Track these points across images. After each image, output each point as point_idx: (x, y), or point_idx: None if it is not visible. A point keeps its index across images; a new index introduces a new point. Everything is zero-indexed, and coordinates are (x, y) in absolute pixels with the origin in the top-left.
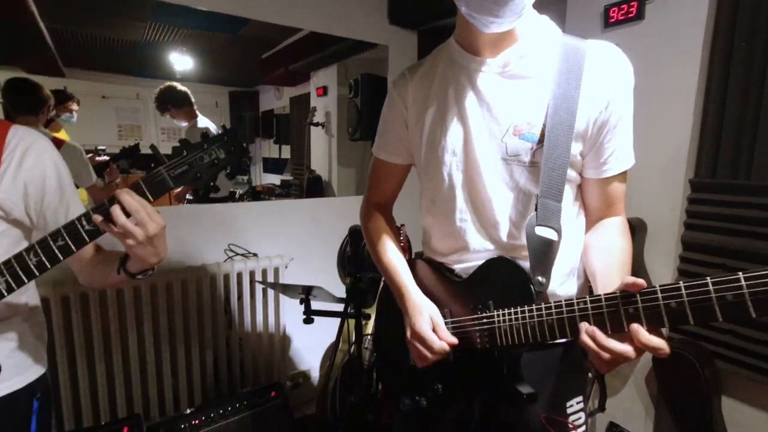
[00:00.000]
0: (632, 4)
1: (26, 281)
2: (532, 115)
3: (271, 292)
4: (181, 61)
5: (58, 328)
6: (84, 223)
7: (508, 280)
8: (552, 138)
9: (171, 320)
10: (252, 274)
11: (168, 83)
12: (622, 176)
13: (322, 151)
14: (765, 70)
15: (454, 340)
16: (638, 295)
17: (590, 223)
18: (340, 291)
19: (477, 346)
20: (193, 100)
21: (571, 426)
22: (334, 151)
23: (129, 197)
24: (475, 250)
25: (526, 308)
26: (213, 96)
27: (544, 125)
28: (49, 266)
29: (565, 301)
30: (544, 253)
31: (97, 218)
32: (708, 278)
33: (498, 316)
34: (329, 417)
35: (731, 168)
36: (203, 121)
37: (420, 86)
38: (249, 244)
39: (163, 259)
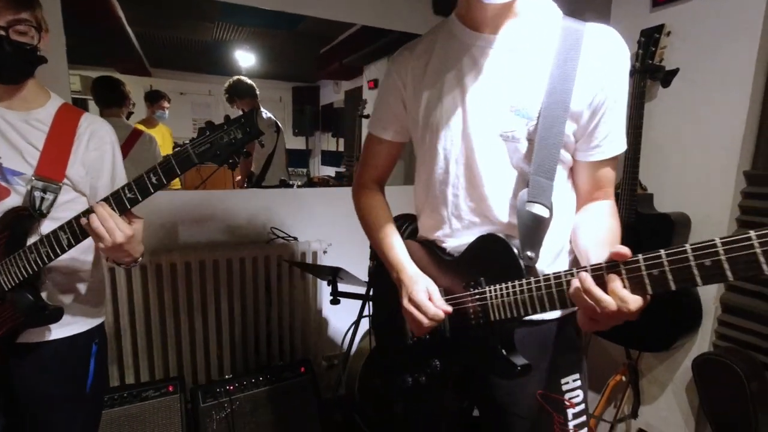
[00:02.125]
0: None
1: (81, 239)
2: (529, 93)
3: (309, 275)
4: (245, 58)
5: (120, 292)
6: (75, 221)
7: (498, 256)
8: (548, 116)
9: (217, 294)
10: (291, 256)
11: (237, 77)
12: (613, 161)
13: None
14: None
15: (449, 308)
16: (621, 265)
17: (579, 205)
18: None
19: (472, 322)
20: (257, 92)
21: (567, 403)
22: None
23: (102, 209)
24: (466, 226)
25: (516, 283)
26: (277, 91)
27: (541, 103)
28: (60, 252)
29: (553, 274)
30: (534, 229)
31: (83, 221)
32: (687, 245)
33: (490, 291)
34: (357, 398)
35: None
36: (264, 112)
37: (419, 62)
38: (291, 229)
39: (136, 260)
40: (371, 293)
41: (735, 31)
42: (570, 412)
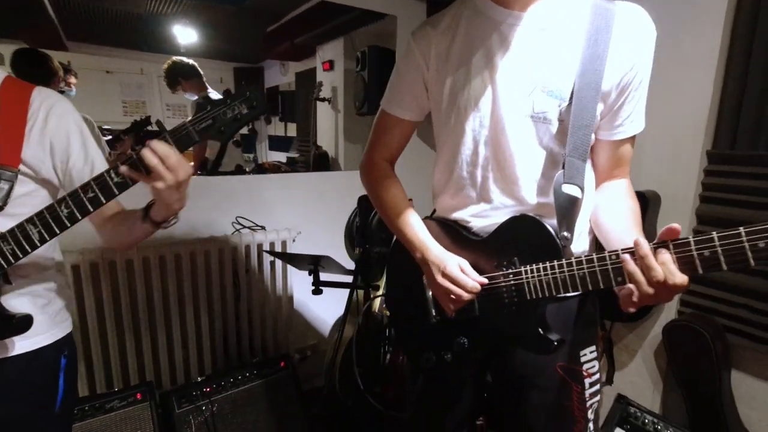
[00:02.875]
0: None
1: (58, 232)
2: (561, 73)
3: (279, 265)
4: (185, 35)
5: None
6: (113, 175)
7: (533, 236)
8: (581, 97)
9: (180, 292)
10: (260, 246)
11: (173, 58)
12: (633, 139)
13: (328, 127)
14: None
15: (485, 280)
16: (670, 242)
17: (598, 183)
18: (347, 264)
19: (505, 300)
20: (201, 72)
21: (585, 374)
22: (341, 126)
23: (160, 144)
24: (495, 207)
25: (555, 263)
26: (217, 72)
27: (574, 84)
28: (80, 217)
29: (596, 255)
30: (569, 209)
31: (124, 168)
32: (740, 228)
33: (526, 272)
34: (337, 389)
35: (751, 139)
36: (214, 94)
37: (443, 39)
38: (257, 217)
39: (184, 206)
40: (388, 274)
41: (700, 15)
42: (587, 381)
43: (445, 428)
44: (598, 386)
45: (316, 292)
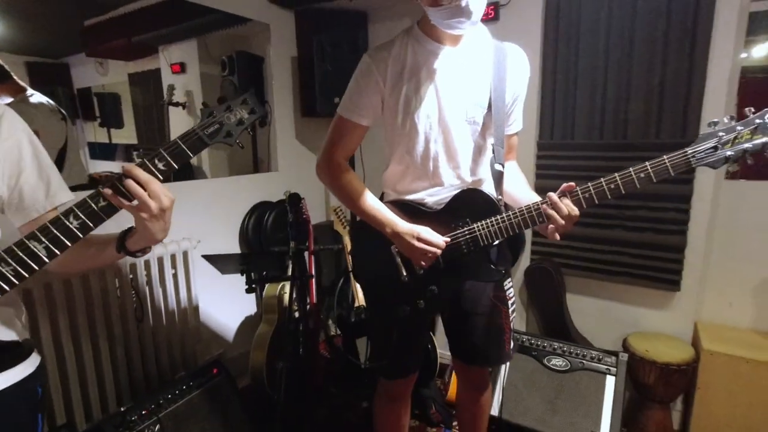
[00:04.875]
0: (491, 7)
1: (37, 269)
2: (482, 90)
3: (182, 278)
4: None
5: None
6: (98, 200)
7: (479, 201)
8: (497, 106)
9: (73, 318)
10: (160, 260)
11: None
12: (517, 135)
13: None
14: (576, 65)
15: (448, 239)
16: (568, 193)
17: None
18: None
19: (464, 250)
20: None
21: (508, 297)
22: None
23: (140, 170)
24: (446, 186)
25: (498, 217)
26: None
27: (490, 97)
28: (69, 244)
29: (524, 206)
30: (499, 180)
31: (107, 192)
32: (602, 179)
33: (478, 226)
34: (267, 385)
35: (563, 131)
36: (37, 96)
37: (396, 62)
38: None
39: (167, 236)
40: (356, 253)
41: (524, 45)
42: (509, 303)
43: (415, 363)
44: (514, 306)
45: (250, 290)
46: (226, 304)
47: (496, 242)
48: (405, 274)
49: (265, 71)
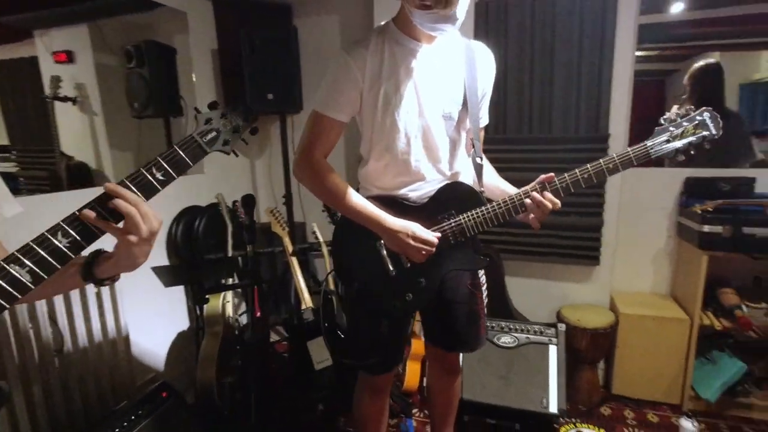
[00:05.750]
0: None
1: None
2: (457, 87)
3: (106, 298)
4: None
5: None
6: (75, 225)
7: (464, 195)
8: (471, 102)
9: None
10: None
11: None
12: (485, 127)
13: (80, 133)
14: (505, 65)
15: (438, 234)
16: (547, 183)
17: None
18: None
19: (450, 241)
20: None
21: (482, 284)
22: (101, 131)
23: (126, 190)
24: (428, 181)
25: (483, 208)
26: None
27: (465, 94)
28: (46, 277)
29: (508, 197)
30: (479, 173)
31: (90, 215)
32: (576, 170)
33: (464, 218)
34: (217, 400)
35: (495, 126)
36: None
37: (374, 59)
38: None
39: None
40: (339, 253)
41: None
42: (483, 289)
43: (400, 356)
44: (486, 291)
45: (202, 301)
46: (157, 323)
47: (478, 233)
48: (392, 269)
49: (178, 64)
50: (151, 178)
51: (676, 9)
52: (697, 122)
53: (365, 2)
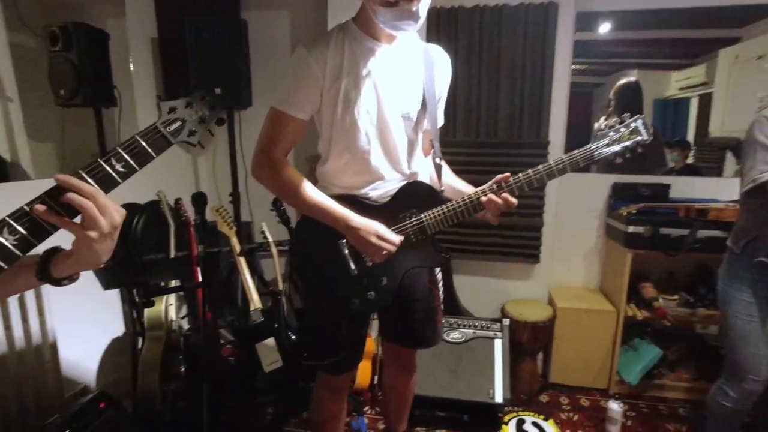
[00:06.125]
0: None
1: None
2: (416, 88)
3: (31, 305)
4: None
5: None
6: (24, 221)
7: (425, 194)
8: (430, 103)
9: None
10: None
11: None
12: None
13: None
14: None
15: (402, 237)
16: (503, 183)
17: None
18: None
19: (412, 239)
20: None
21: (438, 281)
22: (18, 120)
23: (80, 181)
24: (387, 180)
25: (443, 207)
26: None
27: (423, 95)
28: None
29: (467, 196)
30: (438, 173)
31: (40, 208)
32: (529, 171)
33: (425, 216)
34: (158, 407)
35: (445, 130)
36: None
37: (334, 57)
38: None
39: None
40: (298, 252)
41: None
42: (439, 286)
43: (360, 354)
44: (442, 288)
45: (148, 304)
46: (87, 329)
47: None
48: (353, 267)
49: (112, 50)
50: (110, 169)
51: (604, 29)
52: (632, 128)
53: (316, 3)
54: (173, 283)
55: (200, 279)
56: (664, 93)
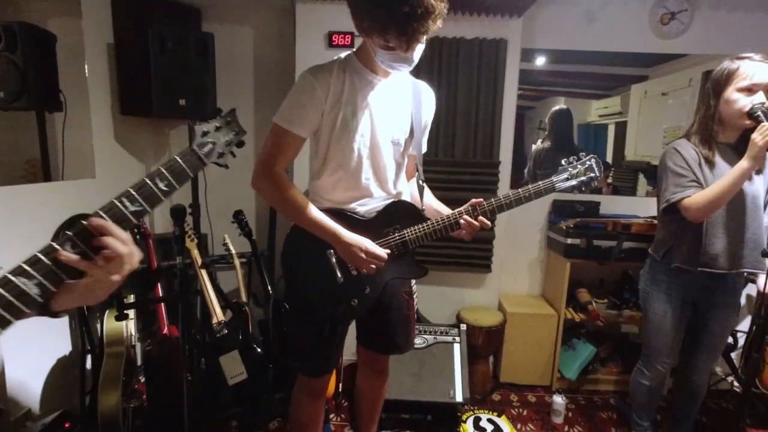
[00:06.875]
0: (347, 35)
1: None
2: (405, 117)
3: None
4: None
5: None
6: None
7: (408, 211)
8: (417, 131)
9: None
10: None
11: None
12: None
13: None
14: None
15: (388, 251)
16: (478, 207)
17: (408, 179)
18: None
19: (395, 252)
20: None
21: (413, 291)
22: None
23: (114, 226)
24: (374, 197)
25: (424, 224)
26: None
27: (411, 124)
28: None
29: (447, 215)
30: (420, 193)
31: (71, 258)
32: (502, 195)
33: (407, 232)
34: (121, 427)
35: (446, 149)
36: None
37: (336, 84)
38: None
39: None
40: (290, 262)
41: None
42: (414, 296)
43: (338, 358)
44: (417, 298)
45: (122, 317)
46: (33, 347)
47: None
48: (340, 276)
49: (59, 54)
50: (154, 187)
51: (540, 62)
52: (587, 166)
53: (280, 21)
54: (131, 298)
55: (161, 293)
56: (586, 118)
